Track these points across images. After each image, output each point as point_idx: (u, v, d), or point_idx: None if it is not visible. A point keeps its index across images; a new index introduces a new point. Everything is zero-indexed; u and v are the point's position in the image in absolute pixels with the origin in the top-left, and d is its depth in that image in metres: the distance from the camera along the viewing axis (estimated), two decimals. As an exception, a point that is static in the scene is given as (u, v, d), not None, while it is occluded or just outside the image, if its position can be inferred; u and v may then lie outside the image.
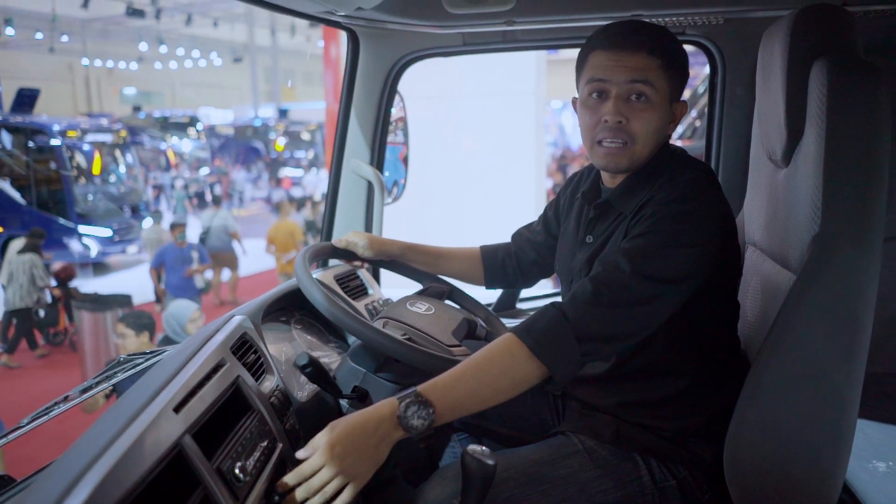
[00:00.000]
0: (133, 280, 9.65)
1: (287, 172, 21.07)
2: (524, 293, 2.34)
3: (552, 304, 1.25)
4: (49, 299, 8.04)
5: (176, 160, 19.98)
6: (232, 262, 9.51)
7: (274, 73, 29.69)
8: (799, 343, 1.22)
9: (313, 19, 1.82)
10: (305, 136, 23.09)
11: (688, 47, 1.69)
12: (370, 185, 2.09)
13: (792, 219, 1.35)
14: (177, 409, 1.02)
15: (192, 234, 9.61)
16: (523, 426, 1.70)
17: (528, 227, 1.77)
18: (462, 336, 1.57)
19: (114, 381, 1.53)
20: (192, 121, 21.75)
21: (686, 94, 1.42)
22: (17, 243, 8.24)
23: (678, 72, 1.34)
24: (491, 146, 6.07)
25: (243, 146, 22.76)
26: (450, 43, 1.98)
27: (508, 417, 1.71)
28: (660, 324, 1.27)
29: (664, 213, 1.26)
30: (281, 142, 22.85)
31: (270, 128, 23.43)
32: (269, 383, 1.37)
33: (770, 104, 1.42)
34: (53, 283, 8.12)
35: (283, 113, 26.27)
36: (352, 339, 1.89)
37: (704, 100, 8.09)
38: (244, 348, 1.37)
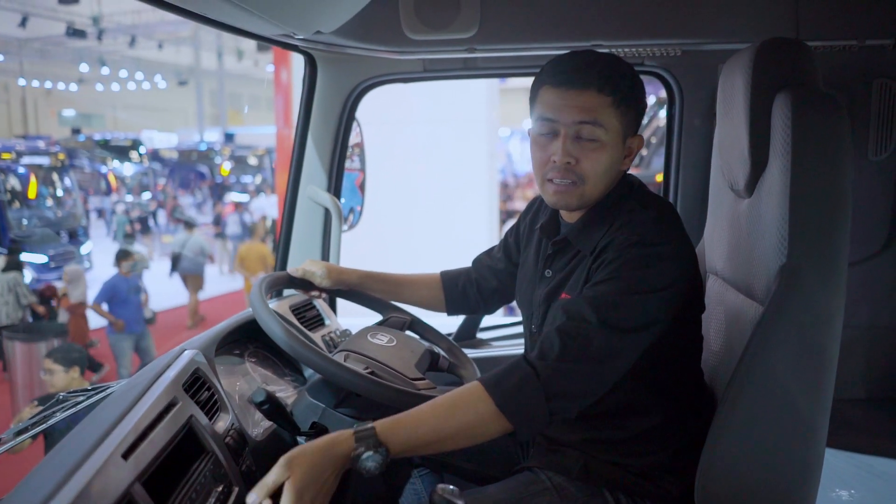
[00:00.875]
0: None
1: (233, 197, 20.68)
2: (485, 322, 2.31)
3: (524, 358, 1.21)
4: (31, 318, 7.89)
5: (117, 184, 19.40)
6: (198, 285, 9.56)
7: (220, 97, 29.29)
8: (768, 375, 1.22)
9: (271, 42, 1.77)
10: (252, 161, 22.78)
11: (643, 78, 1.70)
12: (327, 212, 2.03)
13: (757, 249, 1.35)
14: (126, 455, 0.95)
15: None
16: (487, 461, 1.65)
17: (489, 253, 1.72)
18: (425, 368, 1.53)
19: (52, 421, 1.42)
20: (135, 144, 21.22)
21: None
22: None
23: (632, 107, 1.29)
24: (443, 173, 6.07)
25: (188, 170, 22.29)
26: (410, 69, 1.96)
27: (471, 452, 1.66)
28: (625, 372, 1.25)
29: (627, 257, 1.22)
30: (227, 166, 22.47)
31: (216, 152, 23.03)
32: (223, 422, 1.29)
33: (732, 135, 1.43)
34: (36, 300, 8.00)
35: (229, 137, 25.90)
36: (308, 373, 1.82)
37: (647, 130, 8.33)
38: (197, 385, 1.29)
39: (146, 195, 19.30)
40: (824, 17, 1.75)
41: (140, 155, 20.98)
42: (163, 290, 9.98)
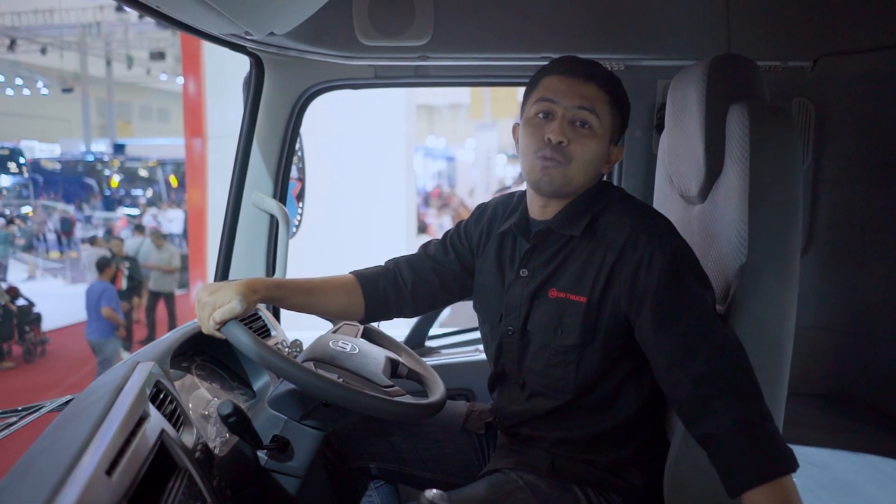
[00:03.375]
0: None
1: (125, 211, 19.63)
2: (432, 331, 2.30)
3: (742, 423, 1.15)
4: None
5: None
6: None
7: (108, 106, 27.77)
8: None
9: (219, 42, 1.71)
10: (143, 173, 21.77)
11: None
12: (272, 219, 1.97)
13: (712, 251, 1.42)
14: (109, 472, 0.88)
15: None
16: (447, 469, 1.64)
17: (429, 254, 1.61)
18: (389, 375, 1.50)
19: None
20: (13, 154, 19.74)
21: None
22: None
23: (621, 113, 1.37)
24: (361, 185, 6.03)
25: (73, 183, 20.96)
26: (360, 75, 1.94)
27: (430, 461, 1.65)
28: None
29: (670, 257, 1.26)
30: (116, 178, 21.36)
31: (105, 163, 21.81)
32: (190, 436, 1.22)
33: (684, 145, 1.50)
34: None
35: (118, 148, 24.59)
36: (258, 386, 1.75)
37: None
38: (159, 399, 1.22)
39: (25, 208, 18.00)
40: (752, 38, 1.89)
41: (19, 165, 19.54)
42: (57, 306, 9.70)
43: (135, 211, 19.58)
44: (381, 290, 1.57)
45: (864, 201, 2.05)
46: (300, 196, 2.28)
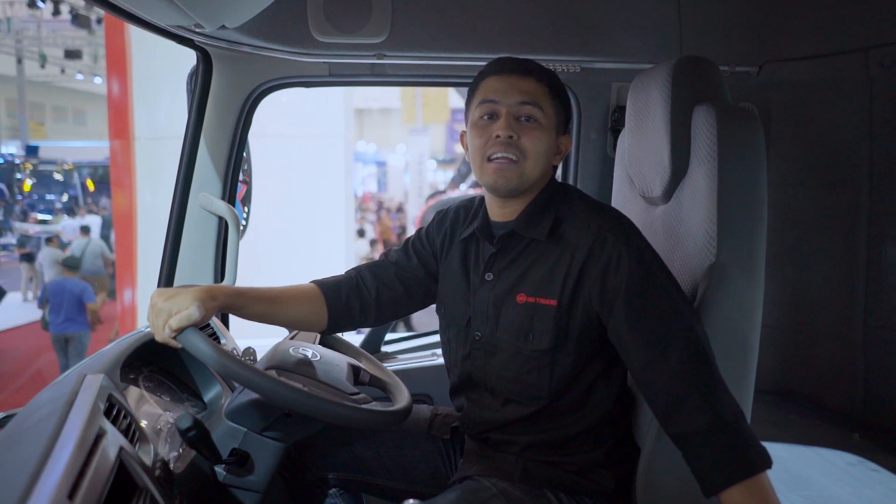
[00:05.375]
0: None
1: (39, 217, 18.64)
2: (388, 336, 2.25)
3: (716, 422, 1.17)
4: None
5: None
6: (105, 285, 10.12)
7: (20, 106, 26.33)
8: None
9: (164, 34, 1.62)
10: (58, 177, 20.77)
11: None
12: (221, 222, 1.88)
13: (678, 251, 1.44)
14: (71, 496, 0.80)
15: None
16: (412, 477, 1.60)
17: (392, 262, 1.57)
18: (353, 382, 1.45)
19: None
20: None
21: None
22: None
23: (563, 105, 1.39)
24: (299, 188, 5.91)
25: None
26: (314, 72, 1.87)
27: (395, 469, 1.60)
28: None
29: (637, 255, 1.27)
30: (29, 182, 20.29)
31: (17, 166, 20.67)
32: (147, 453, 1.14)
33: (647, 146, 1.51)
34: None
35: (31, 150, 23.33)
36: (209, 397, 1.67)
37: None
38: (112, 414, 1.13)
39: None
40: (702, 43, 1.93)
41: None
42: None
43: (48, 217, 18.66)
44: (343, 299, 1.52)
45: (805, 203, 2.13)
46: (246, 199, 2.20)
